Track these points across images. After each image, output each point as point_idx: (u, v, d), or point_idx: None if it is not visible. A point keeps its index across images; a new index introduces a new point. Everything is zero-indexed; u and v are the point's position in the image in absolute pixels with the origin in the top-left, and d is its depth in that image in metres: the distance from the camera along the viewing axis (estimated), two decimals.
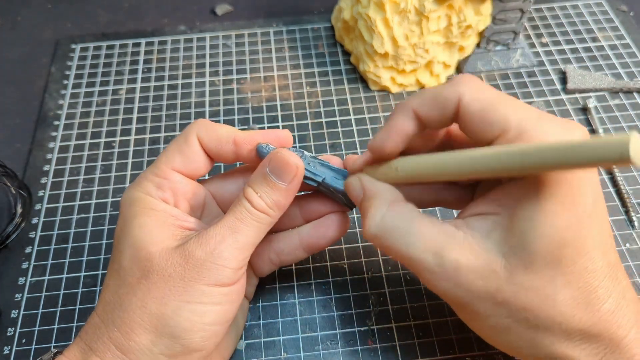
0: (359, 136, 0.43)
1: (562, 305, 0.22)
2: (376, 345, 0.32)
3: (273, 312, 0.34)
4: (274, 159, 0.25)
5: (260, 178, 0.25)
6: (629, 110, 0.44)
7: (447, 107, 0.23)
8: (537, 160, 0.20)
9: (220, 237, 0.24)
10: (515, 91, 0.45)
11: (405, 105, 0.25)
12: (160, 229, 0.25)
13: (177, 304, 0.23)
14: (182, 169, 0.27)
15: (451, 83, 0.24)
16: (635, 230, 0.37)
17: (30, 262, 0.36)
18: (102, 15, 0.53)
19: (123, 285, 0.24)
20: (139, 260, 0.24)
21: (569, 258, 0.21)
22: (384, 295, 0.34)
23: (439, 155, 0.24)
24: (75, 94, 0.46)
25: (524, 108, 0.22)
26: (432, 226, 0.24)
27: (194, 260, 0.23)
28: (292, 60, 0.48)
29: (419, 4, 0.40)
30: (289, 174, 0.25)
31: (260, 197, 0.25)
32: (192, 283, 0.23)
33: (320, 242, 0.29)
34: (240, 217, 0.25)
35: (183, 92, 0.46)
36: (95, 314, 0.25)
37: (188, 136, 0.27)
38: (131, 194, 0.26)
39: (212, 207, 0.30)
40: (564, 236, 0.21)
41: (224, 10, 0.53)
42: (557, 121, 0.22)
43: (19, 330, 0.33)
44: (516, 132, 0.22)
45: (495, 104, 0.22)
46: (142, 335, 0.23)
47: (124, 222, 0.26)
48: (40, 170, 0.41)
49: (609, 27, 0.50)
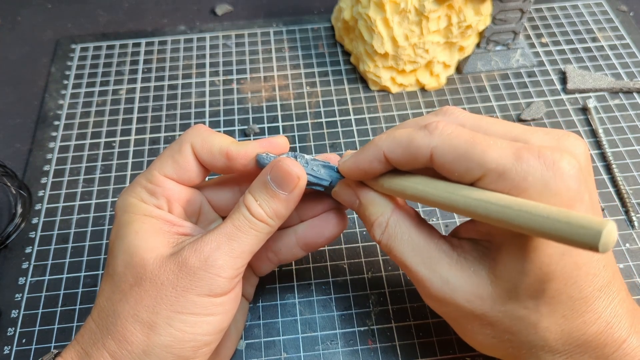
0: (359, 136, 0.43)
1: (546, 332, 0.22)
2: (376, 345, 0.32)
3: (273, 312, 0.34)
4: (275, 167, 0.25)
5: (260, 186, 0.25)
6: (628, 110, 0.44)
7: (418, 158, 0.22)
8: (502, 218, 0.19)
9: (216, 245, 0.23)
10: (515, 91, 0.45)
11: (376, 145, 0.24)
12: (155, 236, 0.25)
13: (168, 314, 0.23)
14: (175, 177, 0.27)
15: (424, 132, 0.22)
16: (635, 230, 0.37)
17: (30, 262, 0.36)
18: (102, 15, 0.53)
19: (116, 292, 0.24)
20: (133, 267, 0.24)
21: (553, 290, 0.21)
22: (384, 295, 0.34)
23: (423, 183, 0.23)
24: (75, 94, 0.46)
25: (501, 146, 0.21)
26: (430, 240, 0.24)
27: (187, 268, 0.23)
28: (292, 60, 0.48)
29: (419, 4, 0.40)
30: (290, 184, 0.25)
31: (260, 206, 0.24)
32: (184, 293, 0.23)
33: (317, 240, 0.29)
34: (238, 224, 0.24)
35: (183, 92, 0.46)
36: (90, 318, 0.24)
37: (182, 145, 0.26)
38: (125, 199, 0.26)
39: (209, 213, 0.29)
40: (548, 271, 0.21)
41: (224, 10, 0.53)
42: (540, 154, 0.20)
43: (19, 330, 0.33)
44: (495, 175, 0.21)
45: (472, 147, 0.21)
46: (135, 345, 0.23)
47: (118, 228, 0.25)
48: (40, 170, 0.41)
49: (609, 27, 0.50)
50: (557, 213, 0.18)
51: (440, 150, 0.22)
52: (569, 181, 0.20)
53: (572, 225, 0.17)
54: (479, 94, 0.45)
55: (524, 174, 0.20)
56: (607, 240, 0.16)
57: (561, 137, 0.22)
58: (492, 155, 0.21)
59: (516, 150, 0.21)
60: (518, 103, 0.44)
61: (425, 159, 0.22)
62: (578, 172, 0.20)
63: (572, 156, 0.21)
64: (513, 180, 0.20)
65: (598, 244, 0.16)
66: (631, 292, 0.34)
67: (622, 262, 0.35)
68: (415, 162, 0.23)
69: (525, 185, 0.20)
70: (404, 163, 0.23)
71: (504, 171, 0.20)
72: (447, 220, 0.37)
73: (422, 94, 0.45)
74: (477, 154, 0.21)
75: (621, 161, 0.40)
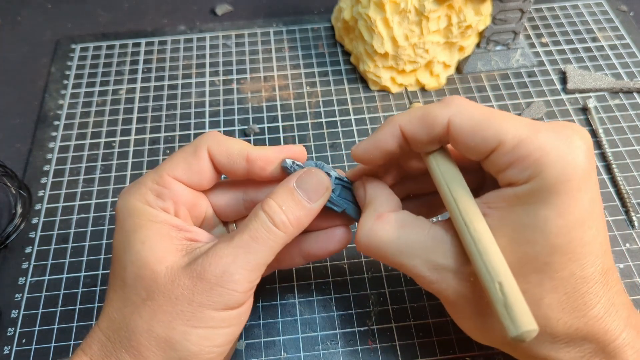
0: (359, 136, 0.43)
1: (547, 309, 0.22)
2: (376, 345, 0.32)
3: (273, 312, 0.34)
4: (307, 175, 0.25)
5: (285, 193, 0.24)
6: (628, 110, 0.44)
7: (435, 127, 0.23)
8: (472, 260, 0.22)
9: (232, 258, 0.23)
10: (515, 91, 0.45)
11: (393, 121, 0.24)
12: (163, 244, 0.24)
13: (184, 329, 0.22)
14: (185, 180, 0.26)
15: (440, 104, 0.23)
16: (635, 230, 0.37)
17: (30, 262, 0.36)
18: (102, 15, 0.53)
19: (128, 304, 0.23)
20: (143, 280, 0.23)
21: (558, 264, 0.21)
22: (384, 295, 0.34)
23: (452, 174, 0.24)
24: (75, 94, 0.46)
25: (518, 119, 0.22)
26: (421, 232, 0.24)
27: (202, 283, 0.22)
28: (292, 60, 0.48)
29: (419, 4, 0.40)
30: (319, 194, 0.25)
31: (284, 212, 0.24)
32: (200, 308, 0.23)
33: (320, 252, 0.29)
34: (256, 235, 0.23)
35: (183, 92, 0.46)
36: (98, 328, 0.24)
37: (197, 147, 0.26)
38: (129, 202, 0.25)
39: (212, 217, 0.29)
40: (554, 243, 0.21)
41: (224, 10, 0.53)
42: (553, 129, 0.21)
43: (19, 330, 0.33)
44: (513, 142, 0.21)
45: (488, 119, 0.22)
46: (150, 359, 0.23)
47: (123, 235, 0.24)
48: (40, 170, 0.41)
49: (609, 27, 0.50)
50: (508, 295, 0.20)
51: (457, 118, 0.22)
52: (582, 156, 0.21)
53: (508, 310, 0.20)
54: (479, 94, 0.45)
55: (540, 144, 0.21)
56: (524, 335, 0.19)
57: (567, 123, 0.23)
58: (509, 125, 0.21)
59: (531, 124, 0.22)
60: (518, 103, 0.44)
61: (442, 128, 0.23)
62: (589, 149, 0.21)
63: (582, 135, 0.22)
64: (528, 150, 0.21)
65: (514, 334, 0.19)
66: (631, 292, 0.34)
67: (622, 262, 0.35)
68: (432, 133, 0.23)
69: (540, 154, 0.21)
70: (419, 136, 0.23)
71: (520, 140, 0.21)
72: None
73: (422, 94, 0.45)
74: (494, 124, 0.22)
75: (621, 161, 0.40)
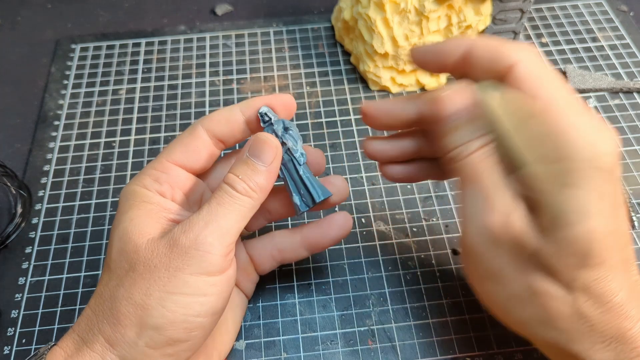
0: (359, 136, 0.43)
1: (577, 290, 0.22)
2: (376, 345, 0.32)
3: (273, 312, 0.34)
4: (252, 141, 0.26)
5: (241, 163, 0.26)
6: (629, 110, 0.44)
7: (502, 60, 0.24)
8: None
9: (204, 223, 0.24)
10: None
11: (462, 39, 0.26)
12: (148, 221, 0.25)
13: (160, 295, 0.23)
14: (184, 161, 0.27)
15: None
16: (635, 230, 0.37)
17: (30, 262, 0.36)
18: (102, 15, 0.53)
19: (113, 278, 0.24)
20: (127, 253, 0.24)
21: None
22: (384, 295, 0.34)
23: None
24: (75, 94, 0.46)
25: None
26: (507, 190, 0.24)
27: (177, 248, 0.23)
28: (292, 60, 0.48)
29: (419, 4, 0.40)
30: (270, 155, 0.26)
31: (242, 180, 0.25)
32: (176, 273, 0.23)
33: (322, 241, 0.29)
34: (222, 201, 0.25)
35: (183, 92, 0.46)
36: (88, 306, 0.25)
37: (192, 128, 0.27)
38: (129, 187, 0.27)
39: None
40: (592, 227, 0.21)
41: (224, 10, 0.53)
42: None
43: (19, 330, 0.33)
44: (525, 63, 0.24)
45: (502, 45, 0.24)
46: (128, 327, 0.23)
47: (117, 216, 0.26)
48: (40, 170, 0.41)
49: (609, 27, 0.50)
50: None
51: (478, 42, 0.25)
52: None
53: None
54: None
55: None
56: None
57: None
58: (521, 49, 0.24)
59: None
60: None
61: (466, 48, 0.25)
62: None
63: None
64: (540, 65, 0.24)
65: None
66: None
67: None
68: (457, 50, 0.25)
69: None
70: (486, 61, 0.25)
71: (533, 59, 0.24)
72: (446, 220, 0.37)
73: None
74: (510, 47, 0.24)
75: (621, 161, 0.40)
